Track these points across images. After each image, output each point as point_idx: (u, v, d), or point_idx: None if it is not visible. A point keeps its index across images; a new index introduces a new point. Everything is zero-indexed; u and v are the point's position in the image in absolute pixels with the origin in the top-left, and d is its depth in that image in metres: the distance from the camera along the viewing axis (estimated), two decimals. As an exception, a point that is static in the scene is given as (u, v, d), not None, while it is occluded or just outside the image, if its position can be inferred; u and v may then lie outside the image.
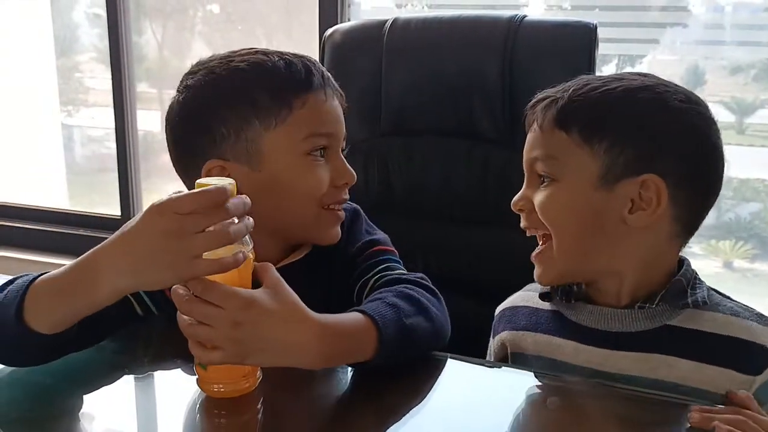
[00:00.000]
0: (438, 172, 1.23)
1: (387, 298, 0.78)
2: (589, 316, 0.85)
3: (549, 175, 0.82)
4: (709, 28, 1.81)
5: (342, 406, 0.73)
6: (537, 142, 0.84)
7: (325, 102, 0.87)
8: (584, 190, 0.80)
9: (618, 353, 0.82)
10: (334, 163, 0.88)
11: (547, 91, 0.86)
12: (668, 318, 0.81)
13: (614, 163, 0.79)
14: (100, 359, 0.80)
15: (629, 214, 0.79)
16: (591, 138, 0.79)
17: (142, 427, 0.69)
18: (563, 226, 0.82)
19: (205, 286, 0.64)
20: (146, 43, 2.30)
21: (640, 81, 0.82)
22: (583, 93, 0.81)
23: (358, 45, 1.28)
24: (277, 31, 2.25)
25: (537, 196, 0.83)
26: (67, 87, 2.55)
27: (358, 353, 0.72)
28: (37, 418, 0.68)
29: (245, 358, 0.66)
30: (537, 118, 0.84)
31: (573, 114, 0.81)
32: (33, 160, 2.55)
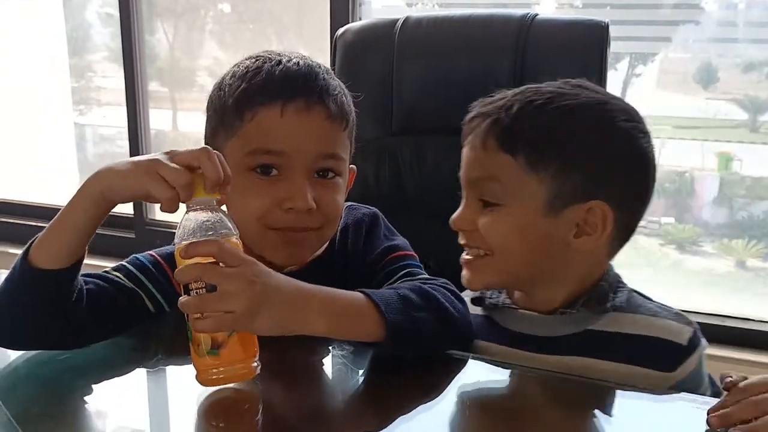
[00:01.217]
0: (449, 171, 1.22)
1: (399, 290, 0.78)
2: (516, 322, 0.87)
3: (494, 199, 0.81)
4: (722, 25, 1.80)
5: (347, 403, 0.74)
6: (479, 163, 0.82)
7: (281, 117, 0.82)
8: (531, 216, 0.80)
9: (543, 357, 0.83)
10: (286, 183, 0.83)
11: (487, 104, 0.84)
12: (591, 323, 0.83)
13: (561, 189, 0.78)
14: (115, 355, 0.81)
15: (574, 239, 0.80)
16: (538, 164, 0.78)
17: (154, 421, 0.70)
18: (509, 250, 0.81)
19: (220, 246, 0.66)
20: (158, 42, 2.31)
21: (583, 97, 0.81)
22: (528, 113, 0.79)
23: (369, 44, 1.28)
24: (288, 30, 2.25)
25: (481, 218, 0.82)
26: (80, 86, 2.57)
27: (361, 328, 0.73)
28: (54, 413, 0.69)
29: (255, 317, 0.66)
30: (478, 136, 0.82)
31: (518, 138, 0.79)
32: (46, 159, 2.57)
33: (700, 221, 1.94)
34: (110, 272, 0.84)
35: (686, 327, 0.82)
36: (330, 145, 0.86)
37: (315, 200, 0.83)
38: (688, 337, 0.81)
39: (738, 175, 1.88)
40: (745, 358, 1.57)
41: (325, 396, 0.76)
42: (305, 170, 0.83)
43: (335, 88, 0.87)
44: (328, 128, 0.85)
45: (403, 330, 0.73)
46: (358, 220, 0.95)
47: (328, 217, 0.86)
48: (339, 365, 0.79)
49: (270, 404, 0.72)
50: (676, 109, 1.94)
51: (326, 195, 0.85)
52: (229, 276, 0.65)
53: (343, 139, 0.88)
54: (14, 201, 2.44)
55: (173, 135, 2.41)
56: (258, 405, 0.72)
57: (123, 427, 0.68)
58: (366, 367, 0.78)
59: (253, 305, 0.65)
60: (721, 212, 1.90)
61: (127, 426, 0.68)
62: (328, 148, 0.85)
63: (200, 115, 0.95)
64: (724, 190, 1.89)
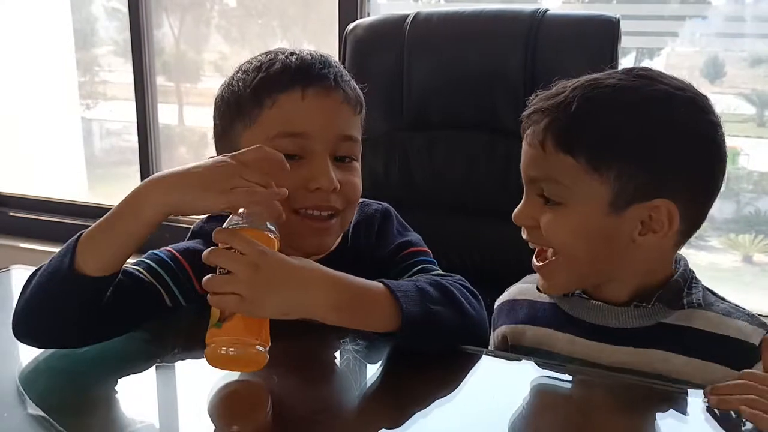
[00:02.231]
0: (459, 165, 1.24)
1: (417, 282, 0.79)
2: (586, 311, 0.86)
3: (555, 198, 0.80)
4: (730, 20, 1.79)
5: (360, 397, 0.74)
6: (539, 162, 0.80)
7: (302, 101, 0.84)
8: (594, 215, 0.78)
9: (612, 347, 0.82)
10: (310, 165, 0.84)
11: (546, 99, 0.81)
12: (663, 316, 0.82)
13: (624, 189, 0.77)
14: (133, 349, 0.82)
15: (639, 236, 0.78)
16: (599, 164, 0.77)
17: (171, 413, 0.72)
18: (572, 250, 0.80)
19: (230, 233, 0.69)
20: (164, 36, 2.31)
21: (646, 91, 0.77)
22: (588, 112, 0.77)
23: (379, 39, 1.28)
24: (294, 24, 2.25)
25: (543, 216, 0.81)
26: (86, 80, 2.58)
27: (376, 317, 0.74)
28: (75, 405, 0.70)
29: (260, 302, 0.68)
30: (537, 134, 0.80)
31: (578, 138, 0.77)
32: (53, 153, 2.57)
33: (706, 216, 1.93)
34: (129, 266, 0.85)
35: (759, 329, 0.81)
36: (347, 127, 0.88)
37: (339, 182, 0.85)
38: (760, 339, 0.80)
39: (745, 169, 1.88)
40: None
41: (336, 390, 0.77)
42: (326, 151, 0.85)
43: (347, 75, 0.90)
44: (345, 111, 0.87)
45: (419, 322, 0.74)
46: (369, 216, 0.96)
47: (349, 200, 0.88)
48: (351, 359, 0.80)
49: (281, 398, 0.73)
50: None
51: (347, 177, 0.87)
52: (234, 261, 0.68)
53: (358, 123, 0.91)
54: (22, 195, 2.44)
55: (179, 129, 2.41)
56: (268, 399, 0.73)
57: (141, 419, 0.68)
58: (378, 361, 0.78)
59: (257, 290, 0.68)
60: (728, 207, 1.89)
61: (145, 417, 0.69)
62: (347, 130, 0.88)
63: (206, 110, 0.96)
64: (731, 184, 1.89)
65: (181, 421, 0.70)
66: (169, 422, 0.70)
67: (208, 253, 0.70)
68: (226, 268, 0.69)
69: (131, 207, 0.73)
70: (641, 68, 0.82)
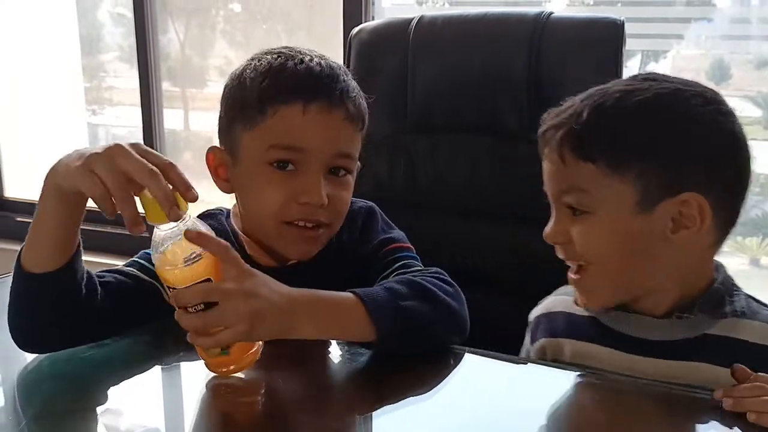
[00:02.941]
0: (463, 168, 1.24)
1: (386, 283, 0.80)
2: (627, 325, 0.84)
3: (582, 207, 0.79)
4: (735, 22, 1.79)
5: (347, 392, 0.76)
6: (561, 175, 0.80)
7: (303, 116, 0.84)
8: (623, 218, 0.77)
9: (656, 361, 0.81)
10: (302, 178, 0.85)
11: (557, 114, 0.82)
12: (707, 327, 0.80)
13: (649, 187, 0.76)
14: (135, 352, 0.83)
15: (672, 234, 0.77)
16: (619, 166, 0.76)
17: (176, 415, 0.72)
18: (607, 258, 0.79)
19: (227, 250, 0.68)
20: (169, 41, 2.32)
21: (654, 90, 0.78)
22: (600, 117, 0.77)
23: (384, 43, 1.28)
24: (299, 28, 2.26)
25: (573, 228, 0.80)
26: (92, 86, 2.59)
27: (353, 328, 0.74)
28: (78, 409, 0.70)
29: (253, 329, 0.68)
30: (553, 149, 0.80)
31: (594, 144, 0.77)
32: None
33: (713, 219, 1.93)
34: (124, 267, 0.86)
35: None
36: (347, 144, 0.88)
37: (328, 197, 0.85)
38: None
39: (752, 172, 1.87)
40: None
41: (325, 385, 0.77)
42: (321, 167, 0.85)
43: (354, 90, 0.89)
44: (346, 129, 0.87)
45: (392, 325, 0.74)
46: (353, 213, 0.97)
47: (337, 213, 0.89)
48: (339, 354, 0.81)
49: (272, 396, 0.74)
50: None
51: (337, 192, 0.87)
52: (229, 294, 0.67)
53: (358, 139, 0.91)
54: (29, 200, 2.45)
55: (185, 134, 2.42)
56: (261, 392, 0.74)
57: (144, 422, 0.69)
58: (363, 358, 0.79)
59: (251, 319, 0.67)
60: (735, 210, 1.89)
61: (148, 421, 0.69)
62: (345, 148, 0.88)
63: (212, 115, 0.96)
64: (737, 187, 1.88)
65: (186, 423, 0.70)
66: (175, 425, 0.70)
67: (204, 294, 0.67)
68: (224, 304, 0.67)
69: (40, 198, 0.72)
70: (647, 73, 0.83)
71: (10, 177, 2.50)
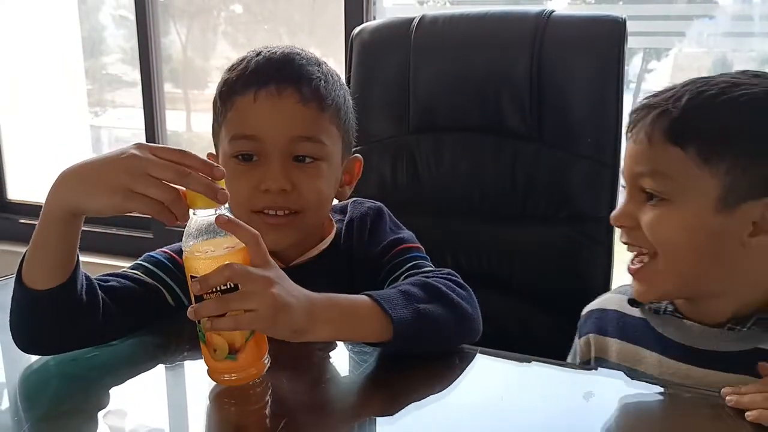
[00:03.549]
0: (466, 168, 1.24)
1: (401, 286, 0.79)
2: (676, 331, 0.82)
3: (661, 194, 0.77)
4: (738, 19, 1.78)
5: (356, 392, 0.75)
6: (644, 156, 0.78)
7: (254, 103, 0.85)
8: (702, 212, 0.75)
9: (702, 370, 0.79)
10: (264, 167, 0.85)
11: (654, 96, 0.79)
12: (759, 341, 0.77)
13: (737, 184, 0.73)
14: (140, 352, 0.83)
15: (750, 238, 0.75)
16: (711, 157, 0.73)
17: (179, 414, 0.72)
18: (676, 249, 0.77)
19: (257, 238, 0.67)
20: (171, 43, 2.33)
21: (762, 87, 0.75)
22: (700, 104, 0.75)
23: (385, 43, 1.28)
24: (300, 30, 2.26)
25: (645, 214, 0.78)
26: (94, 88, 2.59)
27: (369, 331, 0.74)
28: (85, 409, 0.70)
29: (277, 317, 0.66)
30: (644, 129, 0.77)
31: (690, 129, 0.75)
32: (62, 161, 2.58)
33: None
34: (128, 271, 0.86)
35: None
36: (303, 128, 0.86)
37: (293, 184, 0.85)
38: None
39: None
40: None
41: (332, 385, 0.77)
42: (281, 154, 0.85)
43: (312, 74, 0.88)
44: (301, 112, 0.86)
45: (409, 327, 0.74)
46: (362, 214, 0.97)
47: (309, 202, 0.87)
48: (347, 355, 0.81)
49: (278, 396, 0.73)
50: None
51: (305, 180, 0.86)
52: (255, 277, 0.66)
53: (322, 123, 0.88)
54: (32, 203, 2.46)
55: (188, 136, 2.43)
56: (267, 394, 0.73)
57: (149, 423, 0.69)
58: (373, 358, 0.79)
59: (274, 307, 0.66)
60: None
61: (153, 421, 0.69)
62: (302, 131, 0.86)
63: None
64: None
65: (190, 423, 0.70)
66: (179, 425, 0.70)
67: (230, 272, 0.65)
68: (247, 286, 0.66)
69: (43, 215, 0.71)
70: (756, 71, 0.79)
71: (13, 179, 2.50)
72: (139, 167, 0.66)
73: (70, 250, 0.73)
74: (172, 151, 0.67)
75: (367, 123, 1.29)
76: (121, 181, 0.66)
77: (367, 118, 1.29)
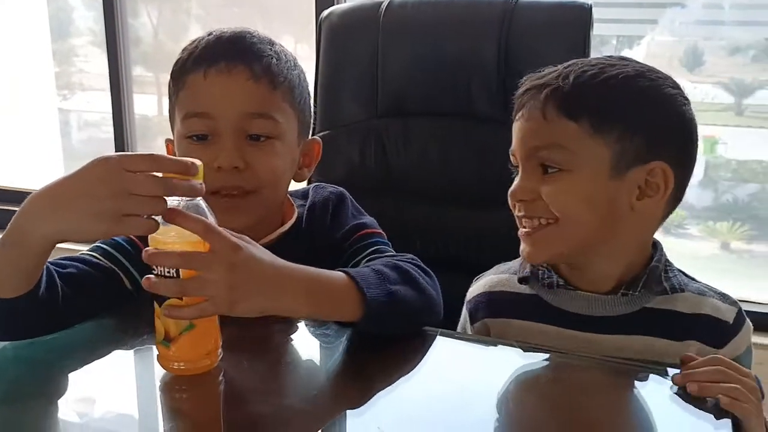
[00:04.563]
0: (436, 152, 1.23)
1: (374, 266, 0.79)
2: (571, 302, 0.87)
3: (558, 165, 0.81)
4: (708, 7, 1.80)
5: (323, 376, 0.75)
6: (540, 131, 0.82)
7: (204, 80, 0.85)
8: (597, 179, 0.80)
9: (600, 336, 0.84)
10: (216, 145, 0.85)
11: (539, 77, 0.84)
12: (646, 301, 0.84)
13: (625, 151, 0.80)
14: (98, 335, 0.82)
15: (637, 201, 0.81)
16: (602, 128, 0.80)
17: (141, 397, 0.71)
18: (577, 215, 0.81)
19: (206, 226, 0.65)
20: (141, 26, 2.29)
21: (631, 67, 0.83)
22: (587, 81, 0.81)
23: (354, 26, 1.27)
24: (273, 13, 2.24)
25: (545, 186, 0.82)
26: (63, 71, 2.55)
27: (342, 308, 0.74)
28: (43, 393, 0.69)
29: (236, 303, 0.66)
30: (536, 106, 0.82)
31: (582, 103, 0.80)
32: (30, 145, 2.54)
33: (685, 204, 1.94)
34: (86, 253, 0.85)
35: (731, 306, 0.85)
36: (255, 104, 0.86)
37: (247, 162, 0.85)
38: (733, 316, 0.84)
39: (723, 158, 1.90)
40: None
41: (299, 373, 0.77)
42: (233, 131, 0.85)
43: (264, 51, 0.88)
44: (251, 88, 0.85)
45: (381, 306, 0.74)
46: (324, 199, 0.97)
47: (263, 181, 0.86)
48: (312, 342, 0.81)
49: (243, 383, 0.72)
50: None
51: (259, 157, 0.86)
52: (210, 263, 0.65)
53: (274, 100, 0.88)
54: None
55: (158, 120, 2.40)
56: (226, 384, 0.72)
57: (108, 405, 0.68)
58: (340, 342, 0.78)
59: (234, 292, 0.65)
60: (707, 195, 1.91)
61: (112, 404, 0.68)
62: (253, 108, 0.86)
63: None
64: (709, 173, 1.90)
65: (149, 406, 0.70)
66: (136, 409, 0.69)
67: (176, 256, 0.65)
68: (205, 273, 0.64)
69: (17, 236, 0.67)
70: (619, 55, 0.87)
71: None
72: (120, 188, 0.63)
73: (41, 265, 0.71)
74: (142, 158, 0.64)
75: (336, 107, 1.29)
76: (106, 206, 0.63)
77: (336, 101, 1.29)
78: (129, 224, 0.64)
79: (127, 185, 0.63)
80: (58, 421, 0.66)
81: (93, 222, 0.64)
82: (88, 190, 0.63)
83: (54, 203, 0.66)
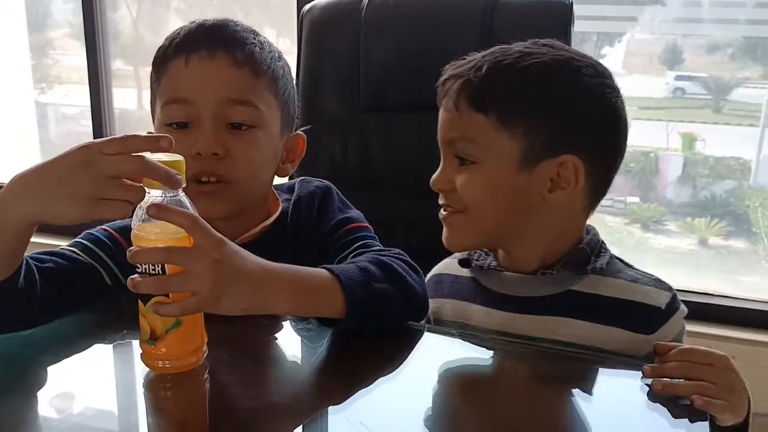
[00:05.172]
0: (417, 147, 1.23)
1: (359, 262, 0.79)
2: (499, 283, 0.89)
3: (470, 157, 0.82)
4: (688, 5, 1.82)
5: (307, 372, 0.75)
6: (454, 123, 0.83)
7: (185, 67, 0.84)
8: (505, 172, 0.81)
9: (523, 317, 0.85)
10: (197, 132, 0.84)
11: (458, 66, 0.85)
12: (571, 283, 0.85)
13: (532, 145, 0.80)
14: (76, 331, 0.81)
15: (549, 193, 0.82)
16: (508, 121, 0.80)
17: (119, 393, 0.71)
18: (482, 206, 0.83)
19: (193, 220, 0.64)
20: (121, 19, 2.26)
21: (550, 56, 0.83)
22: (497, 73, 0.81)
23: (336, 21, 1.27)
24: (254, 7, 2.22)
25: (458, 177, 0.83)
26: (40, 64, 2.51)
27: (325, 305, 0.74)
28: (18, 388, 0.69)
29: (220, 299, 0.65)
30: (451, 97, 0.83)
31: (489, 97, 0.81)
32: (7, 139, 2.50)
33: (664, 200, 1.97)
34: (66, 248, 0.84)
35: (665, 292, 0.85)
36: (236, 91, 0.85)
37: (227, 149, 0.84)
38: (666, 301, 0.84)
39: (701, 155, 1.92)
40: (706, 332, 1.61)
41: (283, 370, 0.77)
42: (213, 118, 0.84)
43: (247, 39, 0.87)
44: (233, 74, 0.85)
45: (364, 304, 0.74)
46: (310, 193, 0.96)
47: (240, 171, 0.85)
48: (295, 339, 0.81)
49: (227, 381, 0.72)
50: (641, 89, 1.96)
51: (240, 146, 0.85)
52: (195, 257, 0.64)
53: (257, 88, 0.87)
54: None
55: (139, 114, 2.37)
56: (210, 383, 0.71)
57: (86, 401, 0.68)
58: (323, 339, 0.78)
59: (218, 287, 0.65)
60: (685, 191, 1.93)
61: (90, 399, 0.68)
62: (234, 94, 0.85)
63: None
64: (687, 169, 1.93)
65: (127, 403, 0.69)
66: (116, 405, 0.69)
67: (166, 255, 0.64)
68: (189, 267, 0.64)
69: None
70: (547, 39, 0.87)
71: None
72: (99, 171, 0.64)
73: (19, 250, 0.71)
74: (116, 141, 0.65)
75: (318, 102, 1.29)
76: (85, 189, 0.64)
77: (318, 96, 1.29)
78: (105, 207, 0.65)
79: (105, 169, 0.64)
80: (37, 415, 0.66)
81: (71, 205, 0.65)
82: (67, 174, 0.64)
83: (34, 186, 0.66)
